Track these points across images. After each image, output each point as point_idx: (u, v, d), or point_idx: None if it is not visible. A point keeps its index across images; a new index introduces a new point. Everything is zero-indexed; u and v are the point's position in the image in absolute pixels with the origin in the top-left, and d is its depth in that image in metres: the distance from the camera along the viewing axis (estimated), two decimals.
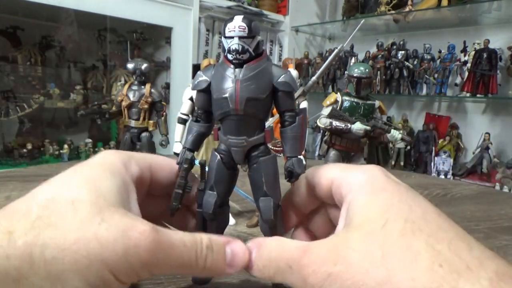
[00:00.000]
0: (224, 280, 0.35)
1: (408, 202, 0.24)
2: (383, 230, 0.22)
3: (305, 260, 0.24)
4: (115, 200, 0.26)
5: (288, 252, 0.25)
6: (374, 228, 0.23)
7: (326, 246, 0.24)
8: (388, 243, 0.22)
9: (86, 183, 0.26)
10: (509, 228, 0.56)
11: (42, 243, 0.22)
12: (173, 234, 0.26)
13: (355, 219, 0.25)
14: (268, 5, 2.31)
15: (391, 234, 0.22)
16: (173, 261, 0.26)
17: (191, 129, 0.34)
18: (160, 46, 2.17)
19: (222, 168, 0.32)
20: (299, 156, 0.31)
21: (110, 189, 0.27)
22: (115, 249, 0.23)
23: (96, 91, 2.02)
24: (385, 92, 2.14)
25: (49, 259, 0.22)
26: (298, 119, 0.31)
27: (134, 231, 0.24)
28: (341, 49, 0.54)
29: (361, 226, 0.24)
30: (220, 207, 0.33)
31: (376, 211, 0.24)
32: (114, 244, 0.23)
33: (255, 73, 0.30)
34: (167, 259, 0.25)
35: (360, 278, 0.21)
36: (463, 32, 1.97)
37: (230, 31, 0.29)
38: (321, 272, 0.23)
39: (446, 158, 1.92)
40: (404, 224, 0.22)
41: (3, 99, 1.73)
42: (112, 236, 0.24)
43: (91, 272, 0.23)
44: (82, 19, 1.85)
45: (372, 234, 0.23)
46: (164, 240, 0.25)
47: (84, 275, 0.23)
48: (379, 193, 0.25)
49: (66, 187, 0.26)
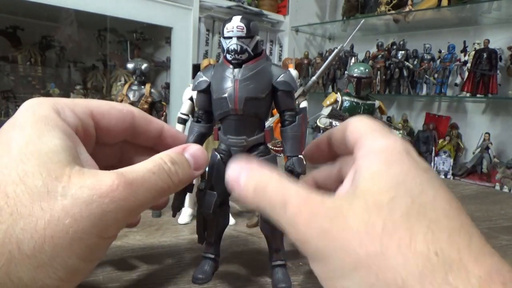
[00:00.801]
0: (223, 280, 0.35)
1: (421, 182, 0.23)
2: (389, 204, 0.21)
3: (303, 206, 0.23)
4: (65, 159, 0.23)
5: (288, 191, 0.24)
6: (380, 200, 0.22)
7: (329, 202, 0.23)
8: (391, 219, 0.21)
9: (26, 149, 0.23)
10: (509, 228, 0.56)
11: (16, 239, 0.21)
12: (137, 169, 0.25)
13: (364, 184, 0.23)
14: (268, 5, 2.31)
15: (396, 210, 0.21)
16: (152, 192, 0.25)
17: (192, 130, 0.34)
18: (160, 46, 2.17)
19: (222, 167, 0.32)
20: (300, 155, 0.31)
21: (56, 148, 0.23)
22: (91, 215, 0.22)
23: (96, 91, 2.02)
24: (385, 92, 2.14)
25: (30, 253, 0.21)
26: (298, 118, 0.31)
27: (101, 188, 0.23)
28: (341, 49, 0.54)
29: (367, 194, 0.22)
30: (220, 207, 0.33)
31: (386, 182, 0.23)
32: (88, 210, 0.22)
33: (254, 72, 0.30)
34: (147, 193, 0.25)
35: (353, 244, 0.20)
36: (463, 32, 1.97)
37: (228, 32, 0.29)
38: (316, 225, 0.22)
39: (446, 158, 1.92)
40: (411, 204, 0.21)
41: (3, 99, 1.73)
42: (83, 203, 0.22)
43: (78, 247, 0.22)
44: (82, 19, 1.85)
45: (377, 206, 0.21)
46: (133, 179, 0.24)
47: (72, 252, 0.22)
48: (394, 165, 0.24)
49: (5, 163, 0.22)
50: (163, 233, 0.46)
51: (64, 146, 0.24)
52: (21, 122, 0.24)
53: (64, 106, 0.27)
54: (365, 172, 0.24)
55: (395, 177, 0.23)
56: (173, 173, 0.27)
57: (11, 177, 0.22)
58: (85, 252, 0.22)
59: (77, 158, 0.25)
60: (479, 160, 1.85)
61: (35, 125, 0.24)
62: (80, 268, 0.23)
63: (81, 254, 0.22)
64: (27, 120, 0.24)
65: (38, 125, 0.24)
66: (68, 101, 0.28)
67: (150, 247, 0.41)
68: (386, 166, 0.24)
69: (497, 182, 1.74)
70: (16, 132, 0.24)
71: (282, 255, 0.33)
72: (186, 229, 0.48)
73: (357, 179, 0.24)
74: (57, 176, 0.22)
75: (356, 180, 0.24)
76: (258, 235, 0.46)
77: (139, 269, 0.36)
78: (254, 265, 0.38)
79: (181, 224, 0.49)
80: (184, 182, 0.28)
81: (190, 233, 0.46)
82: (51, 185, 0.22)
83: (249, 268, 0.37)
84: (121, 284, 0.33)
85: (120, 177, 0.23)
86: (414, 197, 0.22)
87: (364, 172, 0.24)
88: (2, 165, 0.22)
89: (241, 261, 0.39)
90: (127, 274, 0.35)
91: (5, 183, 0.22)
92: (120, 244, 0.41)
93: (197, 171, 0.29)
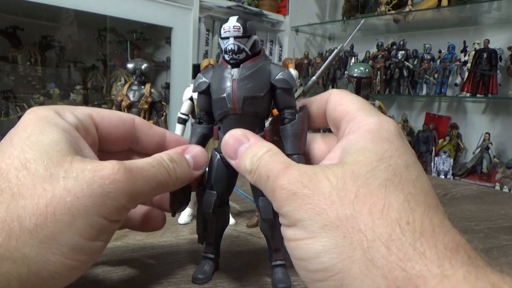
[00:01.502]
0: (223, 280, 0.35)
1: (405, 161, 0.23)
2: (367, 174, 0.22)
3: (280, 174, 0.23)
4: (66, 149, 0.24)
5: (274, 162, 0.25)
6: (360, 169, 0.22)
7: (305, 169, 0.23)
8: (367, 187, 0.21)
9: (28, 142, 0.24)
10: (509, 228, 0.56)
11: (17, 217, 0.21)
12: (137, 161, 0.26)
13: (347, 158, 0.23)
14: (268, 5, 2.31)
15: (373, 179, 0.21)
16: (151, 182, 0.26)
17: (194, 131, 0.34)
18: (160, 46, 2.17)
19: (222, 167, 0.32)
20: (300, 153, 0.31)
21: (57, 140, 0.25)
22: (93, 194, 0.23)
23: (96, 91, 2.02)
24: (385, 92, 2.14)
25: (32, 228, 0.21)
26: (298, 116, 0.31)
27: (104, 169, 0.24)
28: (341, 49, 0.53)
29: (347, 165, 0.23)
30: (220, 207, 0.33)
31: (369, 157, 0.23)
32: (90, 189, 0.23)
33: (252, 72, 0.30)
34: (146, 183, 0.26)
35: (323, 207, 0.21)
36: (463, 32, 1.97)
37: (225, 32, 0.29)
38: (288, 189, 0.22)
39: (446, 158, 1.92)
40: (392, 177, 0.22)
41: (3, 99, 1.73)
42: (85, 183, 0.23)
43: (80, 226, 0.23)
44: (82, 19, 1.85)
45: (354, 174, 0.22)
46: (133, 168, 0.25)
47: (75, 230, 0.22)
48: (383, 143, 0.24)
49: (9, 154, 0.24)
50: (163, 233, 0.46)
51: (65, 139, 0.25)
52: (24, 121, 0.26)
53: (64, 109, 0.28)
54: (352, 147, 0.24)
55: (380, 153, 0.23)
56: (171, 170, 0.28)
57: (14, 165, 0.23)
58: (87, 231, 0.23)
59: (79, 151, 0.26)
60: (479, 160, 1.85)
61: (37, 123, 0.25)
62: (85, 247, 0.23)
63: (84, 233, 0.23)
64: (29, 120, 0.26)
65: (40, 123, 0.25)
66: (68, 106, 0.29)
67: (150, 247, 0.41)
68: (374, 143, 0.24)
69: (497, 182, 1.74)
70: (18, 129, 0.25)
71: (282, 255, 0.33)
72: (186, 229, 0.48)
73: (343, 154, 0.24)
74: (58, 162, 0.23)
75: (342, 154, 0.24)
76: (258, 235, 0.46)
77: (139, 269, 0.36)
78: (254, 265, 0.38)
79: (181, 224, 0.49)
80: (183, 181, 0.29)
81: (190, 233, 0.46)
82: (53, 169, 0.23)
83: (249, 268, 0.37)
84: (121, 284, 0.33)
85: (120, 164, 0.24)
86: (396, 172, 0.22)
87: (351, 147, 0.24)
88: (5, 156, 0.23)
89: (241, 261, 0.39)
90: (127, 274, 0.35)
91: (7, 171, 0.23)
92: (120, 244, 0.41)
93: (197, 171, 0.30)
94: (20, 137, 0.24)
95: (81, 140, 0.27)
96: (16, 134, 0.25)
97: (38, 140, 0.24)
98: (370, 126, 0.25)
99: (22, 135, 0.24)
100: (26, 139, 0.24)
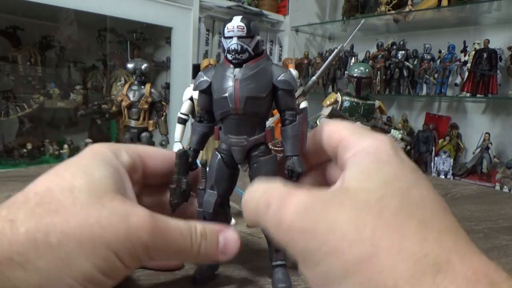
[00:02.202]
0: (224, 281, 0.35)
1: (408, 182, 0.23)
2: (377, 204, 0.21)
3: (286, 200, 0.21)
4: (111, 187, 0.26)
5: (272, 190, 0.23)
6: (369, 200, 0.21)
7: (315, 196, 0.21)
8: (380, 220, 0.20)
9: (81, 172, 0.26)
10: (509, 228, 0.56)
11: (45, 229, 0.23)
12: (170, 220, 0.27)
13: (352, 183, 0.23)
14: (268, 5, 2.31)
15: (384, 210, 0.20)
16: (170, 246, 0.27)
17: (195, 130, 0.34)
18: (160, 46, 2.17)
19: (222, 167, 0.33)
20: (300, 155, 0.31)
21: (105, 177, 0.27)
22: (117, 233, 0.24)
23: (96, 91, 2.02)
24: (385, 92, 2.14)
25: (54, 243, 0.22)
26: (299, 118, 0.31)
27: (134, 216, 0.25)
28: (341, 49, 0.54)
29: (356, 192, 0.22)
30: (220, 207, 0.34)
31: (375, 181, 0.22)
32: (116, 228, 0.24)
33: (255, 72, 0.30)
34: (165, 243, 0.26)
35: (342, 246, 0.19)
36: (463, 32, 1.97)
37: (229, 31, 0.30)
38: (298, 224, 0.20)
39: (446, 158, 1.92)
40: (400, 203, 0.21)
41: (3, 99, 1.73)
42: (114, 221, 0.24)
43: (97, 255, 0.24)
44: (82, 19, 1.85)
45: (366, 206, 0.21)
46: (161, 225, 0.26)
47: (90, 257, 0.23)
48: (383, 165, 0.23)
49: (61, 177, 0.26)
50: None
51: (112, 178, 0.27)
52: (83, 154, 0.29)
53: (121, 148, 0.31)
54: (355, 171, 0.23)
55: (384, 176, 0.22)
56: (196, 242, 0.27)
57: (63, 187, 0.25)
58: (101, 264, 0.24)
59: (122, 191, 0.28)
60: (479, 160, 1.85)
61: (94, 158, 0.28)
62: (94, 277, 0.24)
63: (98, 264, 0.24)
64: (86, 154, 0.29)
65: (96, 158, 0.28)
66: (124, 145, 0.32)
67: None
68: (375, 166, 0.23)
69: (497, 182, 1.74)
70: (77, 159, 0.28)
71: (282, 255, 0.33)
72: None
73: (346, 179, 0.23)
74: (100, 196, 0.25)
75: (345, 179, 0.23)
76: (258, 235, 0.46)
77: (139, 269, 0.36)
78: (254, 265, 0.38)
79: None
80: (204, 258, 0.28)
81: None
82: (93, 200, 0.25)
83: (249, 268, 0.37)
84: (121, 284, 0.33)
85: (151, 218, 0.26)
86: (402, 197, 0.21)
87: (354, 171, 0.23)
88: (58, 178, 0.26)
89: (241, 261, 0.39)
90: None
91: (54, 190, 0.25)
92: None
93: (223, 255, 0.29)
94: (76, 167, 0.27)
95: (127, 181, 0.29)
96: (74, 163, 0.28)
97: (89, 172, 0.26)
98: (368, 149, 0.25)
99: (78, 165, 0.27)
100: (80, 169, 0.26)
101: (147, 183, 0.34)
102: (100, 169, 0.27)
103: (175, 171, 0.33)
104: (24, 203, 0.24)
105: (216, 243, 0.29)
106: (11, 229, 0.22)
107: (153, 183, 0.34)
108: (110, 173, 0.27)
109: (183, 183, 0.33)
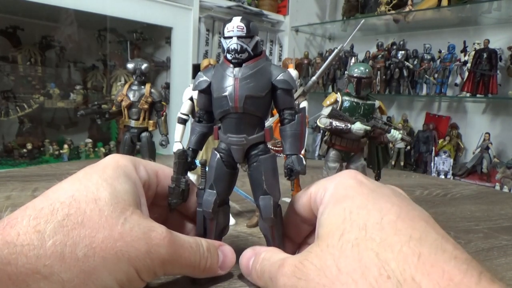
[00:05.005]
0: (224, 281, 0.35)
1: (368, 206, 0.25)
2: (339, 243, 0.24)
3: (279, 273, 0.26)
4: (131, 201, 0.28)
5: (271, 265, 0.28)
6: (331, 242, 0.24)
7: (295, 261, 0.26)
8: (342, 257, 0.23)
9: (104, 182, 0.27)
10: (509, 228, 0.56)
11: (72, 242, 0.24)
12: (182, 236, 0.29)
13: (320, 231, 0.26)
14: (268, 5, 2.31)
15: (345, 246, 0.23)
16: (183, 260, 0.28)
17: (194, 130, 0.34)
18: (160, 46, 2.17)
19: (222, 167, 0.33)
20: (299, 154, 0.31)
21: (126, 190, 0.28)
22: (139, 248, 0.25)
23: (96, 91, 2.02)
24: (385, 92, 2.14)
25: (80, 257, 0.24)
26: (298, 117, 0.31)
27: (154, 232, 0.27)
28: (341, 49, 0.54)
29: (322, 240, 0.25)
30: (220, 206, 0.33)
31: (335, 222, 0.25)
32: (138, 243, 0.25)
33: (254, 71, 0.30)
34: (179, 259, 0.28)
35: None
36: (463, 32, 1.97)
37: (229, 31, 0.30)
38: (289, 286, 0.25)
39: (446, 158, 1.92)
40: (359, 233, 0.23)
41: (3, 99, 1.73)
42: (136, 236, 0.26)
43: (119, 269, 0.25)
44: (82, 19, 1.85)
45: (329, 249, 0.24)
46: (177, 241, 0.28)
47: (113, 271, 0.25)
48: (341, 201, 0.26)
49: (85, 186, 0.27)
50: None
51: (132, 192, 0.29)
52: (105, 163, 0.30)
53: (140, 163, 0.32)
54: (321, 220, 0.27)
55: (343, 212, 0.25)
56: (204, 257, 0.30)
57: (88, 198, 0.26)
58: (121, 277, 0.25)
59: (139, 205, 0.29)
60: (479, 160, 1.85)
61: (116, 169, 0.29)
62: None
63: (118, 277, 0.25)
64: (110, 164, 0.30)
65: (118, 170, 0.29)
66: (143, 160, 0.33)
67: None
68: (335, 206, 0.26)
69: (497, 182, 1.74)
70: (98, 168, 0.29)
71: None
72: None
73: (318, 229, 0.27)
74: (122, 209, 0.26)
75: (317, 230, 0.27)
76: (258, 235, 0.46)
77: None
78: None
79: None
80: (207, 272, 0.31)
81: None
82: (117, 213, 0.26)
83: None
84: None
85: (169, 234, 0.27)
86: (361, 225, 0.24)
87: (320, 220, 0.27)
88: (81, 186, 0.27)
89: None
90: None
91: (79, 200, 0.26)
92: None
93: (222, 270, 0.32)
94: (99, 176, 0.28)
95: (143, 196, 0.30)
96: (96, 173, 0.28)
97: (112, 184, 0.28)
98: (329, 193, 0.28)
99: (101, 175, 0.28)
100: (103, 180, 0.28)
101: (155, 202, 0.34)
102: (121, 182, 0.28)
103: (174, 170, 0.33)
104: (52, 213, 0.25)
105: (217, 257, 0.31)
106: (39, 241, 0.23)
107: (160, 203, 0.34)
108: (130, 186, 0.28)
109: (182, 183, 0.33)
